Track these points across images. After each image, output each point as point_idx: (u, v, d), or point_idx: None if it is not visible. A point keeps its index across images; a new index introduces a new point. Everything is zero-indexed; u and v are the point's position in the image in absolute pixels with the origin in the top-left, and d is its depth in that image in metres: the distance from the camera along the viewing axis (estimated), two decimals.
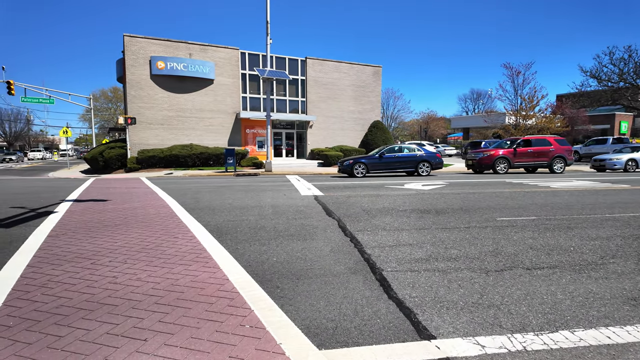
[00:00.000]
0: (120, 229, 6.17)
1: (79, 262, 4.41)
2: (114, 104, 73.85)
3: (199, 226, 6.36)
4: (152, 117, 25.29)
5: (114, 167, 23.75)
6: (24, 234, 5.85)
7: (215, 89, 27.16)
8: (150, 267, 4.21)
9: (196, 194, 11.00)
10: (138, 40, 24.65)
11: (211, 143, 26.73)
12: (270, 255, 4.76)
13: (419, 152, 18.29)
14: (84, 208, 8.36)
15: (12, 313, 3.09)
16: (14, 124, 70.21)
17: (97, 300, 3.33)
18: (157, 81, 25.28)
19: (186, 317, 3.03)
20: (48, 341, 2.66)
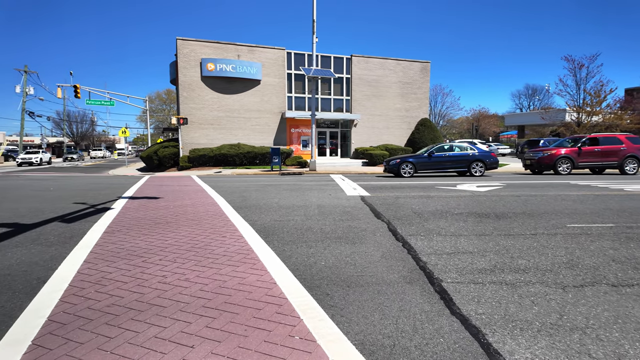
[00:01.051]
0: (171, 226, 6.27)
1: (131, 259, 4.47)
2: (168, 105, 77.93)
3: (246, 225, 6.31)
4: (202, 117, 26.21)
5: (167, 165, 24.90)
6: (84, 229, 6.11)
7: (262, 89, 27.60)
8: (198, 267, 4.16)
9: (243, 192, 11.11)
10: (190, 43, 25.64)
11: (257, 142, 27.22)
12: (317, 258, 4.55)
13: (472, 150, 17.32)
14: (139, 205, 8.69)
15: (68, 310, 3.13)
16: (80, 125, 76.40)
17: (147, 301, 3.30)
18: (207, 82, 26.15)
19: (234, 323, 2.89)
20: (99, 342, 2.62)
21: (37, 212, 7.76)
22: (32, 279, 3.86)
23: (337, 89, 30.21)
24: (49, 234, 5.82)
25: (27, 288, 3.63)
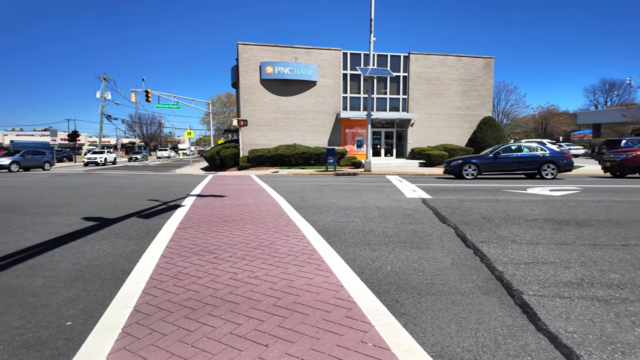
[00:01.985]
0: (237, 224, 6.50)
1: (203, 255, 4.69)
2: (228, 108, 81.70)
3: (307, 225, 6.36)
4: (260, 119, 27.08)
5: (228, 165, 26.06)
6: (159, 225, 6.54)
7: (318, 91, 27.88)
8: (266, 266, 4.25)
9: (301, 192, 11.26)
10: (250, 47, 26.61)
11: (312, 143, 27.53)
12: (383, 262, 4.44)
13: (542, 151, 16.05)
14: (206, 203, 9.14)
15: (150, 301, 3.33)
16: (149, 127, 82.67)
17: (220, 297, 3.42)
18: (266, 85, 26.96)
19: (304, 324, 2.89)
20: (180, 334, 2.76)
21: (117, 208, 8.46)
22: (117, 270, 4.19)
23: (393, 87, 29.65)
24: (129, 228, 6.31)
25: (114, 278, 3.93)
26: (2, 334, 2.78)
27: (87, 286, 3.72)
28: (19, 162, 26.55)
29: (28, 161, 27.42)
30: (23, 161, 26.99)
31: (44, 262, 4.48)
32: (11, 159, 26.16)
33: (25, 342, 2.67)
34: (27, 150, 28.27)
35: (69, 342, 2.67)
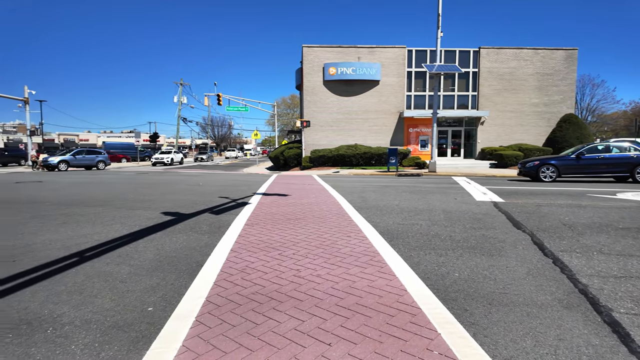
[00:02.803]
0: (300, 223, 6.65)
1: (268, 251, 4.86)
2: (292, 110, 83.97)
3: (368, 226, 6.31)
4: (323, 120, 27.43)
5: (291, 165, 26.79)
6: (228, 221, 6.92)
7: (381, 90, 27.51)
8: (328, 265, 4.29)
9: (362, 192, 11.19)
10: (314, 49, 27.07)
11: (374, 143, 27.24)
12: (450, 268, 4.25)
13: (637, 151, 14.21)
14: (271, 201, 9.48)
15: (220, 293, 3.54)
16: (220, 129, 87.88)
17: (285, 292, 3.52)
18: (329, 86, 27.24)
19: (367, 326, 2.87)
20: (247, 327, 2.89)
21: (191, 204, 9.11)
22: (192, 262, 4.51)
23: (461, 84, 28.25)
24: (202, 223, 6.76)
25: (189, 270, 4.24)
26: (96, 314, 3.13)
27: (166, 276, 4.05)
28: (69, 162, 26.86)
29: (79, 160, 27.65)
30: (73, 160, 27.19)
31: (130, 251, 4.97)
32: (60, 158, 26.50)
33: (115, 323, 2.98)
34: (80, 150, 28.90)
35: (151, 327, 2.93)
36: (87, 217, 7.33)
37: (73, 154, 27.65)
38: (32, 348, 2.61)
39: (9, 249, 5.08)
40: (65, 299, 3.42)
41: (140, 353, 2.55)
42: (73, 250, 5.03)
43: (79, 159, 27.69)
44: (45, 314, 3.12)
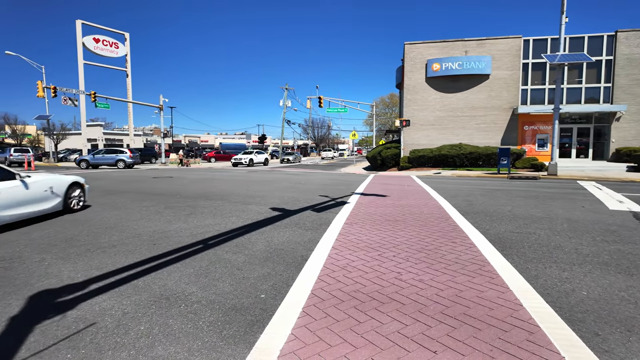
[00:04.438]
0: (400, 225, 6.54)
1: (368, 251, 4.90)
2: (390, 109, 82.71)
3: (476, 233, 5.89)
4: (424, 118, 26.43)
5: (389, 165, 26.43)
6: (329, 219, 7.16)
7: (490, 84, 25.37)
8: (431, 271, 4.14)
9: (468, 196, 10.48)
10: (416, 46, 26.24)
11: (481, 142, 25.24)
12: (576, 285, 3.74)
13: None
14: (369, 201, 9.51)
15: (324, 288, 3.69)
16: (319, 130, 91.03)
17: (386, 294, 3.51)
18: (431, 83, 26.13)
19: (476, 339, 2.70)
20: (350, 323, 2.96)
21: (295, 201, 9.65)
22: (297, 256, 4.78)
23: (590, 75, 24.43)
24: (305, 220, 7.12)
25: (295, 263, 4.51)
26: (218, 297, 3.54)
27: (275, 266, 4.38)
28: (88, 161, 28.77)
29: (97, 160, 28.97)
30: (92, 159, 28.85)
31: (244, 242, 5.50)
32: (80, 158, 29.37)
33: (234, 306, 3.34)
34: (99, 150, 30.97)
35: (264, 312, 3.20)
36: (209, 210, 8.32)
37: (93, 154, 30.03)
38: (170, 320, 3.08)
39: (150, 234, 6.05)
40: (193, 280, 3.95)
41: (255, 336, 2.81)
42: (198, 238, 5.76)
43: (97, 158, 29.25)
44: (178, 292, 3.65)
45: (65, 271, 4.23)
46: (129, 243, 5.44)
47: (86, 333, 2.85)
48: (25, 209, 6.81)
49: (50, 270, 4.26)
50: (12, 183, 6.65)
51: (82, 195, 8.52)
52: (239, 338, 2.78)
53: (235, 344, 2.69)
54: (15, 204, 6.58)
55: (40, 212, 7.20)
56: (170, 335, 2.82)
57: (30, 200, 6.95)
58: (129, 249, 5.12)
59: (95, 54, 39.38)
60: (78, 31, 37.95)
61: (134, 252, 4.99)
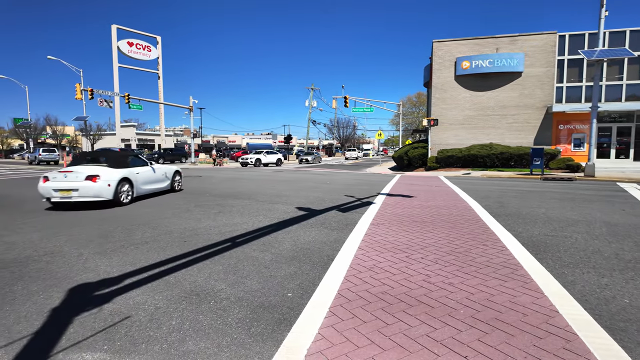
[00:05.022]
0: (427, 226, 6.42)
1: (395, 253, 4.84)
2: (417, 108, 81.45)
3: (508, 236, 5.70)
4: (453, 117, 25.84)
5: (415, 165, 26.02)
6: (355, 219, 7.12)
7: (523, 82, 24.50)
8: (461, 274, 4.04)
9: (499, 197, 10.16)
10: (445, 44, 25.70)
11: (513, 142, 24.42)
12: (616, 292, 3.55)
13: None
14: (395, 202, 9.39)
15: (351, 288, 3.67)
16: (344, 130, 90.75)
17: (415, 297, 3.45)
18: (461, 81, 25.52)
19: (509, 345, 2.61)
20: (378, 325, 2.93)
21: (320, 201, 9.66)
22: (323, 256, 4.79)
23: (633, 71, 23.13)
24: (331, 219, 7.12)
25: (321, 262, 4.51)
26: (246, 294, 3.59)
27: (302, 266, 4.40)
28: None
29: None
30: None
31: (271, 241, 5.56)
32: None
33: (262, 304, 3.38)
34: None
35: (291, 311, 3.22)
36: (236, 208, 8.47)
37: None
38: (200, 316, 3.15)
39: (181, 231, 6.22)
40: (222, 277, 4.03)
41: (282, 334, 2.83)
42: (227, 236, 5.87)
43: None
44: (208, 288, 3.73)
45: (102, 266, 4.42)
46: (161, 240, 5.62)
47: (121, 326, 2.96)
48: (152, 186, 10.55)
49: (88, 265, 4.46)
50: (146, 168, 10.43)
51: (180, 180, 12.32)
52: (267, 335, 2.81)
53: (263, 341, 2.73)
54: (148, 182, 10.35)
55: (159, 189, 10.91)
56: (200, 331, 2.88)
57: (155, 180, 10.72)
58: (160, 246, 5.28)
59: (129, 57, 40.96)
60: (113, 35, 39.59)
61: (165, 248, 5.15)
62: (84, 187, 8.51)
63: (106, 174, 8.84)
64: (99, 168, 9.04)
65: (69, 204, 9.18)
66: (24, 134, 54.54)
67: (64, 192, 8.54)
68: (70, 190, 8.53)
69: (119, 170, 9.28)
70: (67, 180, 8.65)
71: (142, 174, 10.07)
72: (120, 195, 9.08)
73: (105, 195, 8.72)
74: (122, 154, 11.90)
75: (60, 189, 8.55)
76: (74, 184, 8.56)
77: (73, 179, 8.63)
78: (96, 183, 8.56)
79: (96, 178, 8.59)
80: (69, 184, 8.59)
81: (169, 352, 2.59)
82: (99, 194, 8.63)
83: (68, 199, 8.60)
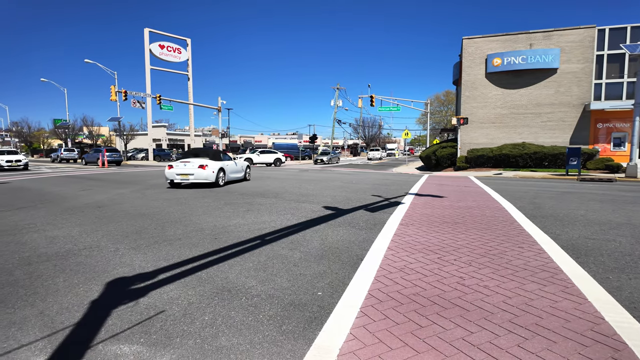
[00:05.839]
0: (459, 227, 6.25)
1: (427, 254, 4.72)
2: (445, 107, 79.73)
3: (546, 238, 5.46)
4: (483, 116, 25.13)
5: (444, 165, 25.47)
6: (383, 219, 7.03)
7: (558, 79, 23.50)
8: (497, 277, 3.89)
9: (534, 198, 9.77)
10: (475, 40, 25.02)
11: (547, 141, 23.49)
12: None
13: None
14: (424, 202, 9.21)
15: (382, 289, 3.61)
16: (370, 129, 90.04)
17: (448, 299, 3.35)
18: (492, 79, 24.78)
19: (551, 352, 2.48)
20: (411, 327, 2.86)
21: (347, 200, 9.61)
22: (352, 255, 4.74)
23: None
24: (358, 219, 7.05)
25: (350, 262, 4.47)
26: (277, 291, 3.60)
27: (331, 265, 4.37)
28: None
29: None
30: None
31: (299, 239, 5.56)
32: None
33: (292, 302, 3.37)
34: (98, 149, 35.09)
35: (321, 310, 3.20)
36: (264, 207, 8.55)
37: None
38: (232, 312, 3.18)
39: (212, 228, 6.33)
40: (253, 274, 4.06)
41: (314, 333, 2.81)
42: (256, 233, 5.93)
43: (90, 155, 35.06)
44: (239, 285, 3.76)
45: (137, 261, 4.55)
46: (193, 237, 5.74)
47: (156, 320, 3.03)
48: (235, 175, 14.58)
49: (124, 260, 4.60)
50: (232, 162, 14.49)
51: (249, 172, 16.29)
52: (298, 334, 2.80)
53: (294, 340, 2.72)
54: (233, 172, 14.34)
55: (238, 178, 15.03)
56: (233, 327, 2.91)
57: (236, 171, 14.72)
58: (192, 242, 5.40)
59: (160, 59, 42.24)
60: (146, 38, 40.95)
61: (197, 245, 5.26)
62: (197, 173, 12.35)
63: (210, 164, 12.66)
64: (205, 160, 12.76)
65: (184, 184, 13.16)
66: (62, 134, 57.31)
67: (184, 176, 12.47)
68: (187, 174, 12.40)
69: (217, 162, 13.04)
70: (185, 168, 12.46)
71: (230, 166, 14.00)
72: (219, 180, 12.90)
73: (210, 179, 12.51)
74: (218, 151, 15.01)
75: (181, 173, 12.46)
76: (190, 170, 12.39)
77: (190, 167, 12.44)
78: (205, 170, 12.42)
79: (205, 167, 12.44)
80: (187, 170, 12.42)
81: (202, 347, 2.62)
82: (206, 178, 12.42)
83: (186, 181, 12.50)
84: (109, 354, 2.54)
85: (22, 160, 25.62)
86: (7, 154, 25.83)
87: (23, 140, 67.51)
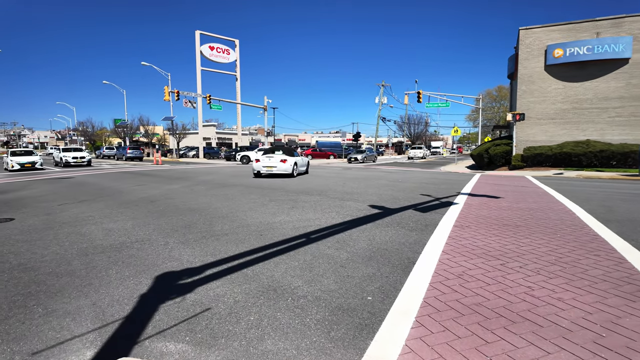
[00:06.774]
0: (522, 231, 5.71)
1: (487, 259, 4.32)
2: (497, 103, 75.69)
3: (626, 245, 4.82)
4: (541, 111, 23.40)
5: (497, 164, 24.05)
6: (435, 220, 6.62)
7: (630, 70, 21.28)
8: (572, 288, 3.44)
9: (604, 201, 8.83)
10: (533, 31, 23.35)
11: (615, 138, 21.37)
12: None
13: None
14: (480, 203, 8.62)
15: (438, 297, 3.30)
16: (416, 127, 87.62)
17: (517, 312, 2.98)
18: (552, 72, 22.98)
19: None
20: (475, 342, 2.55)
21: (394, 199, 9.24)
22: (403, 258, 4.45)
23: None
24: (407, 219, 6.70)
25: (401, 265, 4.18)
26: (323, 293, 3.41)
27: (380, 267, 4.11)
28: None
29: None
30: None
31: (345, 238, 5.35)
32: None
33: (340, 306, 3.17)
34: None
35: (372, 316, 2.97)
36: (309, 204, 8.42)
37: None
38: (277, 313, 3.03)
39: (257, 225, 6.30)
40: (299, 274, 3.90)
41: (365, 341, 2.59)
42: (301, 231, 5.79)
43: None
44: (285, 284, 3.62)
45: (185, 255, 4.57)
46: (239, 232, 5.72)
47: (202, 317, 2.95)
48: (302, 169, 17.66)
49: (173, 254, 4.64)
50: (300, 157, 17.40)
51: (308, 167, 19.34)
52: (348, 342, 2.59)
53: (344, 348, 2.51)
54: (301, 166, 17.46)
55: (303, 171, 18.01)
56: (279, 330, 2.76)
57: (303, 165, 17.88)
58: (239, 238, 5.36)
59: (210, 60, 43.77)
60: (197, 40, 42.62)
61: (243, 241, 5.21)
62: (279, 165, 15.57)
63: (289, 158, 15.83)
64: (284, 155, 15.92)
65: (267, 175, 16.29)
66: (122, 132, 61.32)
67: (269, 168, 15.69)
68: (272, 167, 15.62)
69: (293, 157, 16.19)
70: (270, 162, 15.67)
71: (299, 161, 17.02)
72: (294, 172, 16.12)
73: (289, 171, 15.68)
74: (292, 148, 17.66)
75: (266, 166, 15.70)
76: (274, 163, 15.64)
77: (274, 161, 15.67)
78: (285, 164, 15.62)
79: (285, 160, 15.64)
80: (272, 163, 15.65)
81: (247, 350, 2.49)
82: (286, 170, 15.60)
83: (270, 172, 15.69)
84: (155, 351, 2.48)
85: (85, 157, 27.83)
86: (73, 151, 28.34)
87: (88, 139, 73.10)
